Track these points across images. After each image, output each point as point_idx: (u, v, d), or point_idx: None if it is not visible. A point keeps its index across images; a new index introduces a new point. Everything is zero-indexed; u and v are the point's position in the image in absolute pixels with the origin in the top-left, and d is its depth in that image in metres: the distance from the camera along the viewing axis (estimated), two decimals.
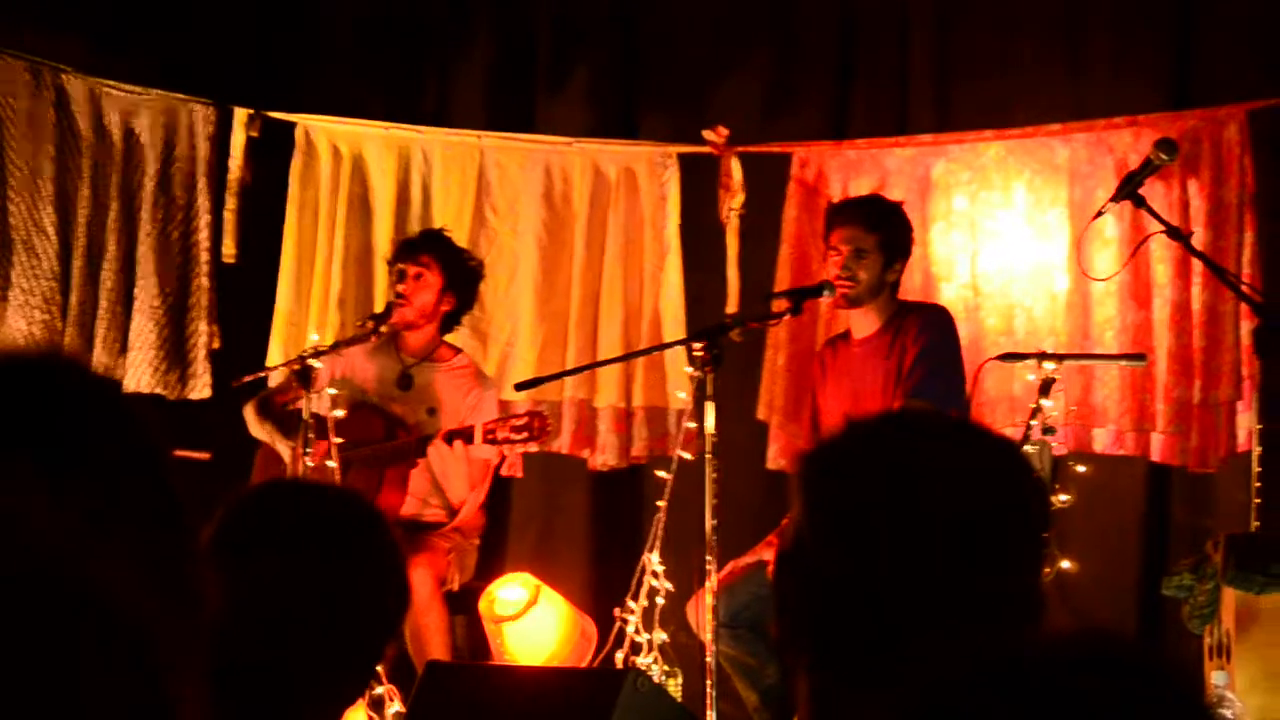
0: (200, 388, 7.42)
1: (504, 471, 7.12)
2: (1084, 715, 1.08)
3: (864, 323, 6.38)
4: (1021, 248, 7.14)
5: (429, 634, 6.35)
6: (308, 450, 6.23)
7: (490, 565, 7.12)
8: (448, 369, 6.87)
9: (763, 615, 6.00)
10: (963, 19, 7.60)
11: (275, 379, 7.04)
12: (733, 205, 7.38)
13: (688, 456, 6.01)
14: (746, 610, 6.05)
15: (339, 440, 6.46)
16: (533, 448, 6.51)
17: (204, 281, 7.44)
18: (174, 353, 7.41)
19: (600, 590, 7.26)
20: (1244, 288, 6.28)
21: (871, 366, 6.31)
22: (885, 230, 6.33)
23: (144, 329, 7.34)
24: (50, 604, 0.92)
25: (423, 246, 6.86)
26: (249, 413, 6.83)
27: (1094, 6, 7.42)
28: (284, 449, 6.65)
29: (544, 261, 7.59)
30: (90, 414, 1.39)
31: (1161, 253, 6.84)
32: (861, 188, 7.22)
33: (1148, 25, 7.32)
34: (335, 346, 6.67)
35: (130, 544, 1.28)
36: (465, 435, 6.44)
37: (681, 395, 6.93)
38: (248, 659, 2.26)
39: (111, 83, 7.43)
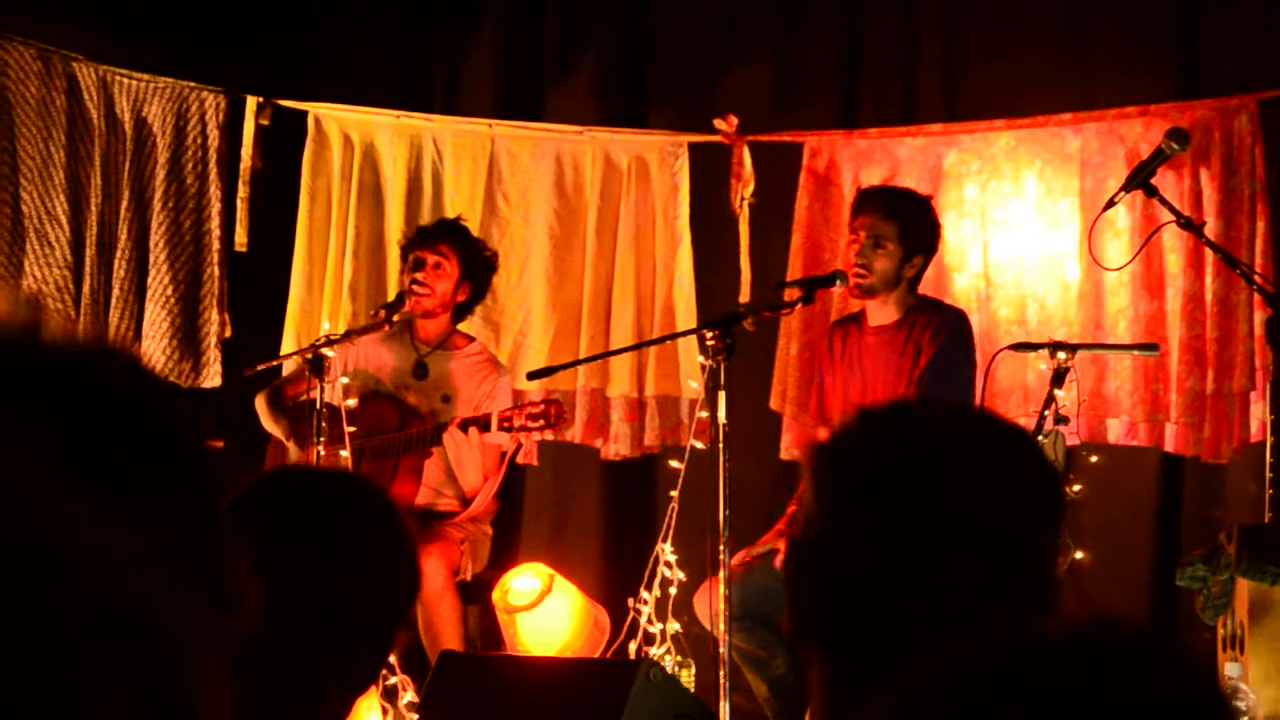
0: (212, 376, 7.42)
1: (519, 460, 7.12)
2: (1097, 703, 1.07)
3: (880, 312, 6.37)
4: (1033, 238, 7.14)
5: (442, 624, 6.35)
6: (320, 439, 6.23)
7: (503, 555, 7.12)
8: (462, 357, 6.87)
9: (772, 607, 5.98)
10: (972, 8, 7.61)
11: (288, 368, 7.05)
12: (744, 194, 7.37)
13: (700, 446, 6.00)
14: (755, 602, 6.03)
15: (351, 429, 6.47)
16: (548, 435, 6.50)
17: (215, 270, 7.44)
18: (186, 341, 7.41)
19: (613, 580, 7.26)
20: (1256, 278, 6.27)
21: (884, 357, 6.29)
22: (904, 221, 6.31)
23: (157, 318, 7.35)
24: (51, 584, 0.92)
25: (441, 236, 6.86)
26: (261, 405, 6.84)
27: None
28: (293, 448, 6.65)
29: (556, 250, 7.59)
30: (129, 408, 1.38)
31: (1173, 243, 6.84)
32: (873, 177, 7.21)
33: (1158, 14, 7.32)
34: (348, 335, 6.67)
35: (151, 534, 1.28)
36: (481, 423, 6.44)
37: (694, 385, 6.93)
38: (258, 646, 2.26)
39: (122, 70, 7.43)
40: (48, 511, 0.95)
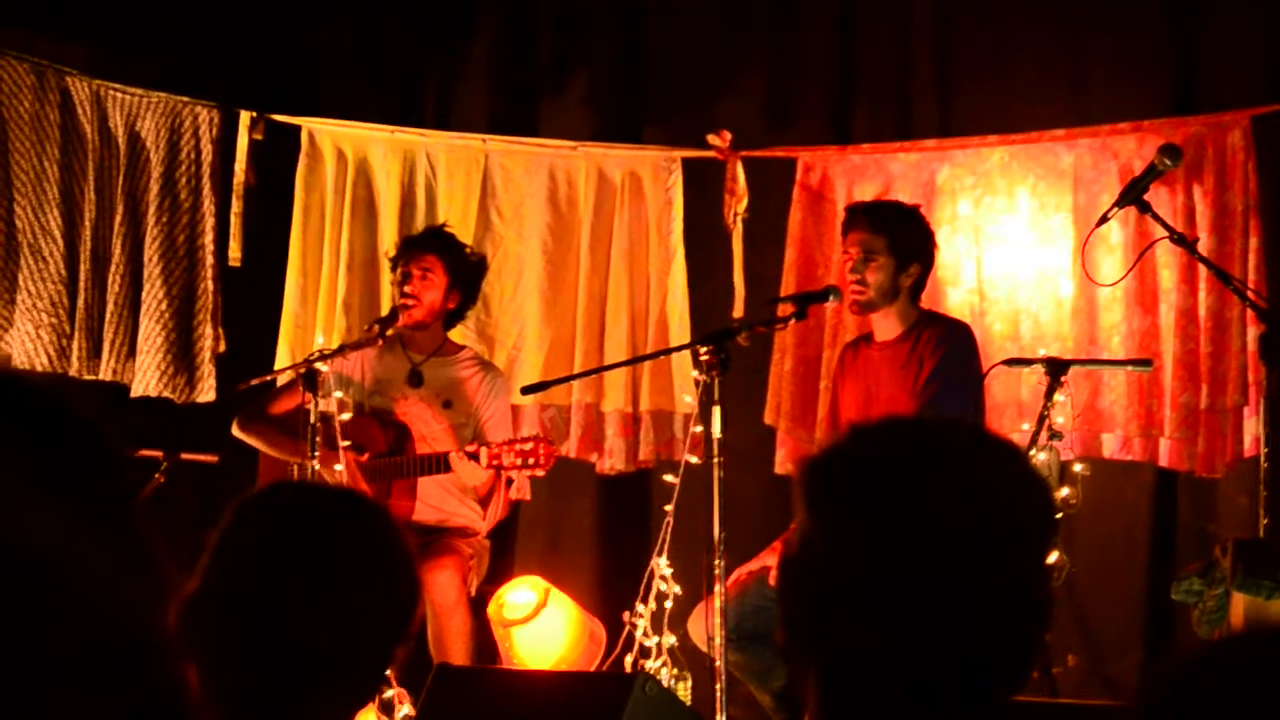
0: (206, 391, 7.42)
1: (513, 495, 7.10)
2: None
3: (885, 326, 6.37)
4: (1026, 253, 7.14)
5: (451, 638, 6.37)
6: (314, 454, 6.22)
7: (499, 569, 7.12)
8: (455, 362, 6.89)
9: (766, 625, 5.99)
10: (965, 24, 7.61)
11: (281, 382, 7.04)
12: (738, 210, 7.38)
13: (695, 460, 6.01)
14: (749, 621, 6.02)
15: (345, 444, 6.47)
16: (538, 473, 6.47)
17: (209, 285, 7.44)
18: (181, 356, 7.41)
19: (609, 594, 7.26)
20: (1249, 293, 6.28)
21: (888, 372, 6.30)
22: (893, 233, 6.31)
23: (151, 332, 7.34)
24: (52, 594, 0.93)
25: (426, 246, 6.87)
26: (249, 428, 6.82)
27: (1097, 12, 7.42)
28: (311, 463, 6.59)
29: (549, 265, 7.59)
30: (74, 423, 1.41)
31: (1167, 258, 6.84)
32: (866, 193, 7.22)
33: (1151, 31, 7.32)
34: (341, 349, 6.67)
35: (111, 538, 1.30)
36: (473, 458, 6.43)
37: (688, 399, 6.95)
38: (257, 660, 2.26)
39: (116, 85, 7.43)
40: (37, 526, 0.96)
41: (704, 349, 5.61)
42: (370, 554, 2.34)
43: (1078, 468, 6.24)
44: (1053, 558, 5.02)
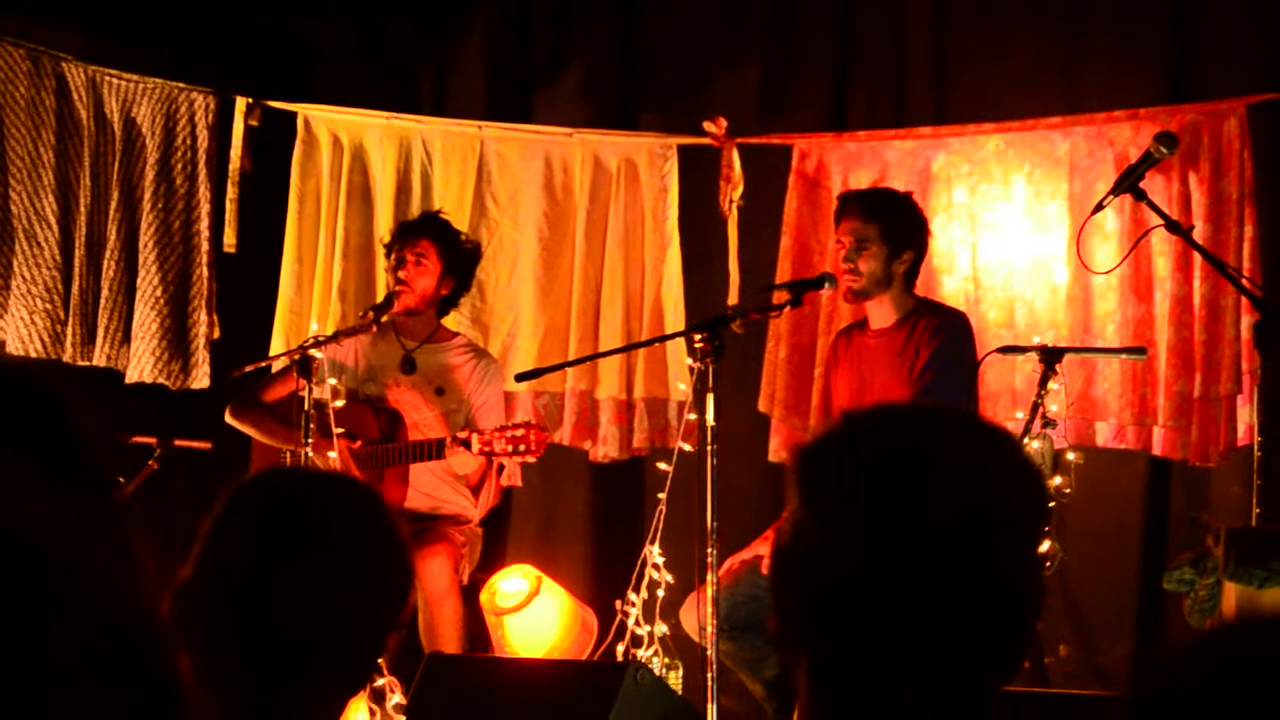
0: (200, 377, 7.42)
1: (504, 482, 7.10)
2: None
3: (880, 314, 6.37)
4: (1022, 241, 7.14)
5: (443, 626, 6.37)
6: (308, 440, 6.22)
7: (491, 557, 7.12)
8: (448, 349, 6.89)
9: (757, 614, 5.99)
10: (961, 11, 7.61)
11: (276, 369, 7.04)
12: (733, 197, 7.38)
13: (689, 448, 6.01)
14: (741, 610, 6.02)
15: (340, 430, 6.47)
16: (530, 460, 6.47)
17: (204, 271, 7.43)
18: (175, 342, 7.41)
19: (601, 582, 7.26)
20: (1244, 282, 6.27)
21: (884, 360, 6.29)
22: (886, 220, 6.31)
23: (146, 318, 7.34)
24: (53, 587, 0.93)
25: (421, 231, 6.88)
26: (242, 415, 6.82)
27: None
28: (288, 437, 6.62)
29: (545, 252, 7.59)
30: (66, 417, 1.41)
31: (1162, 246, 6.84)
32: (862, 180, 7.22)
33: (1147, 18, 7.32)
34: (335, 336, 6.68)
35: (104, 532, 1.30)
36: (464, 445, 6.44)
37: (682, 387, 6.96)
38: (250, 647, 2.26)
39: (112, 71, 7.43)
40: (39, 519, 0.96)
41: (698, 336, 5.60)
42: (364, 541, 2.34)
43: (1071, 456, 6.25)
44: (1045, 546, 5.02)
